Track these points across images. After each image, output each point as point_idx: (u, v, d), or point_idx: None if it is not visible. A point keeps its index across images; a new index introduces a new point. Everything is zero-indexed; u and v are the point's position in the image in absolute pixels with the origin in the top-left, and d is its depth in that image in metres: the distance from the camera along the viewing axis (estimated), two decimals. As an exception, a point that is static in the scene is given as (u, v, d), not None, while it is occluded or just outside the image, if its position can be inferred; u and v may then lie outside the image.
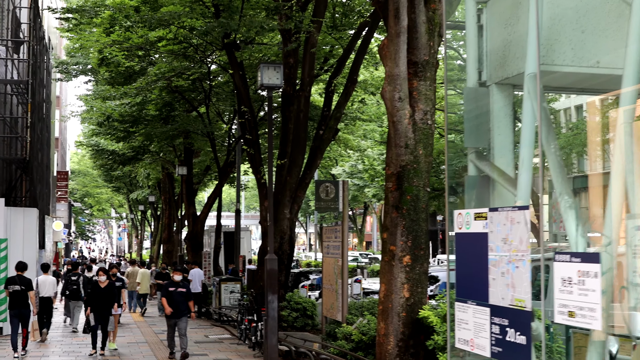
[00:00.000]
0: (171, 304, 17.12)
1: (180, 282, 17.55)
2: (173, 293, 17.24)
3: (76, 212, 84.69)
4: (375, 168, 49.81)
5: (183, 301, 17.28)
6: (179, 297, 17.24)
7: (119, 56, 24.54)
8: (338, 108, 22.97)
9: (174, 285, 17.42)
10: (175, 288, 17.32)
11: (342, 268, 15.74)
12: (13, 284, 16.85)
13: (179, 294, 17.25)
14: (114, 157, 40.86)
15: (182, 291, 17.36)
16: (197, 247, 35.36)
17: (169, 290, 17.39)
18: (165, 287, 17.74)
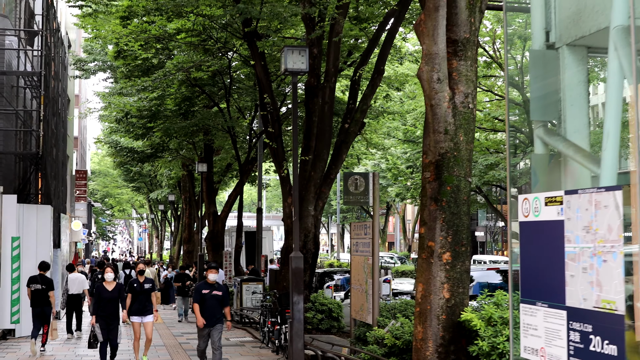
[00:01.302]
0: (205, 311, 14.31)
1: (215, 284, 14.61)
2: (207, 297, 14.37)
3: (97, 212, 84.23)
4: (398, 167, 48.88)
5: (218, 306, 14.49)
6: (214, 301, 14.43)
7: (135, 46, 23.57)
8: (364, 100, 21.88)
9: (209, 287, 14.49)
10: (209, 291, 14.43)
11: (373, 267, 14.65)
12: (35, 283, 17.39)
13: (213, 299, 14.42)
14: (133, 154, 39.99)
15: (218, 295, 14.47)
16: (217, 247, 34.40)
17: (202, 293, 14.41)
18: (198, 290, 14.62)
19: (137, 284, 15.80)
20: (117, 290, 15.29)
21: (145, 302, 15.78)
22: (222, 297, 14.55)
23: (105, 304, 15.10)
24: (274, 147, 21.72)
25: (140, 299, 15.70)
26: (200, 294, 14.45)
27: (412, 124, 43.12)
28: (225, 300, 14.68)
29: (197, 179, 44.92)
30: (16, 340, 20.11)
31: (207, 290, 14.49)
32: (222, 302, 14.57)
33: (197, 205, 43.29)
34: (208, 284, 14.54)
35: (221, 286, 14.93)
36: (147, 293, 15.86)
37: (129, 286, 15.86)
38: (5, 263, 20.27)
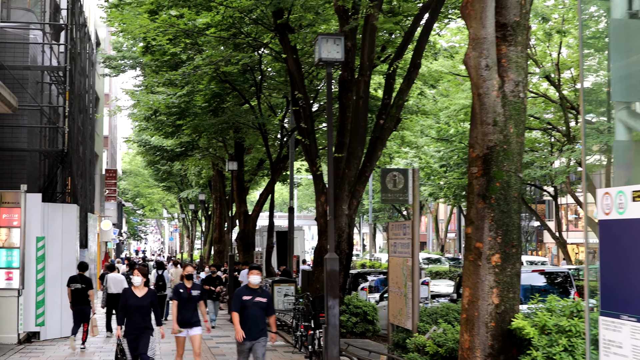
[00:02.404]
0: (246, 322, 12.13)
1: (258, 289, 12.39)
2: (248, 305, 12.17)
3: (128, 212, 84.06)
4: (431, 166, 48.14)
5: (262, 316, 12.31)
6: (257, 310, 12.22)
7: (163, 41, 22.88)
8: (400, 95, 21.06)
9: (251, 292, 12.28)
10: (251, 297, 12.20)
11: (413, 269, 13.79)
12: (75, 283, 18.28)
13: (256, 306, 12.22)
14: (162, 153, 39.41)
15: (262, 302, 12.29)
16: (248, 247, 33.72)
17: (242, 300, 12.18)
18: (238, 296, 12.35)
19: (184, 290, 13.60)
20: (148, 297, 13.11)
21: (193, 312, 13.76)
22: (266, 305, 12.37)
23: (133, 314, 12.95)
24: (306, 143, 20.95)
25: (186, 308, 13.63)
26: (240, 301, 12.25)
27: (445, 122, 42.33)
28: (271, 308, 12.54)
29: (227, 178, 44.34)
30: (40, 344, 19.47)
31: (248, 296, 12.26)
32: (267, 310, 12.41)
33: (228, 204, 42.70)
34: (250, 288, 12.35)
35: (265, 291, 12.70)
36: (194, 301, 13.78)
37: (174, 292, 13.71)
38: (29, 264, 19.64)
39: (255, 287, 12.39)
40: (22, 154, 21.84)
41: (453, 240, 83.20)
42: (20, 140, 21.88)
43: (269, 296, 12.72)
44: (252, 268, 12.56)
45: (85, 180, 27.54)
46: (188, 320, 13.68)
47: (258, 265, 13.00)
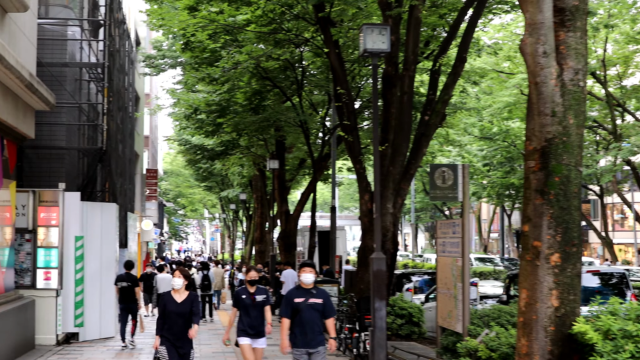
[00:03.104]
0: (299, 328, 10.67)
1: (313, 289, 10.88)
2: (301, 308, 10.67)
3: (169, 212, 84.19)
4: (474, 165, 47.55)
5: (318, 320, 10.75)
6: (312, 313, 10.68)
7: (203, 36, 22.48)
8: (446, 90, 20.44)
9: (304, 293, 10.79)
10: (304, 299, 10.69)
11: (463, 269, 13.20)
12: (122, 281, 18.91)
13: (312, 309, 10.67)
14: (203, 152, 39.08)
15: (317, 303, 10.70)
16: (289, 247, 33.24)
17: (294, 303, 10.73)
18: (289, 299, 10.88)
19: (247, 296, 12.05)
20: (189, 303, 11.58)
21: (258, 320, 12.08)
22: (323, 306, 10.73)
23: (174, 321, 11.44)
24: (349, 140, 20.40)
25: (250, 316, 11.96)
26: (291, 305, 10.73)
27: (488, 121, 41.68)
28: (328, 310, 10.84)
29: (268, 178, 44.01)
30: (79, 345, 19.15)
31: (301, 298, 10.71)
32: (325, 313, 10.79)
33: (269, 204, 42.35)
34: (302, 289, 10.83)
35: (321, 291, 11.02)
36: (259, 308, 12.09)
37: (235, 298, 12.25)
38: (68, 264, 19.32)
39: (309, 286, 10.84)
40: (61, 152, 21.55)
41: (496, 240, 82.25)
42: (59, 138, 21.59)
43: (325, 296, 10.94)
44: (305, 265, 11.02)
45: (125, 179, 27.24)
46: (253, 329, 12.00)
47: (311, 263, 11.22)
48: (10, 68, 14.42)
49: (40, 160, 21.26)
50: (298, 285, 11.06)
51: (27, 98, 16.93)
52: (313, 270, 11.05)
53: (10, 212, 17.59)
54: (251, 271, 12.60)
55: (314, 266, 11.18)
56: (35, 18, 18.49)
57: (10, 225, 17.68)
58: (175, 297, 11.62)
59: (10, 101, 15.98)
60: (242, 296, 12.11)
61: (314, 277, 10.95)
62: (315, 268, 11.12)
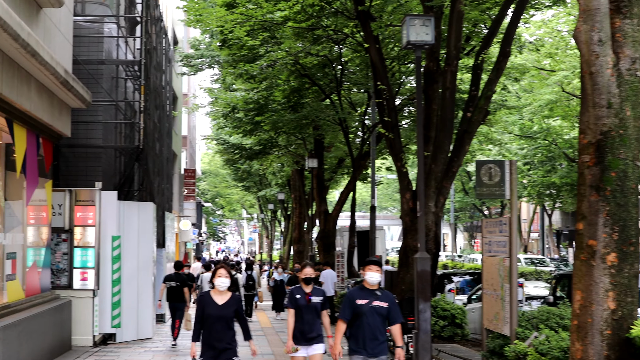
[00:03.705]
0: (360, 334, 9.56)
1: (378, 291, 9.70)
2: (364, 311, 9.54)
3: (207, 212, 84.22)
4: (515, 164, 46.55)
5: (382, 325, 9.65)
6: (376, 318, 9.58)
7: (240, 33, 22.15)
8: (489, 85, 19.90)
9: (367, 294, 9.63)
10: (367, 301, 9.55)
11: (511, 270, 12.69)
12: (170, 281, 19.39)
13: (374, 313, 9.57)
14: (241, 151, 38.82)
15: (382, 307, 9.58)
16: (328, 247, 32.89)
17: (356, 305, 9.57)
18: (350, 300, 9.68)
19: (302, 296, 10.76)
20: (232, 305, 10.08)
21: (313, 324, 10.79)
22: (388, 310, 9.60)
23: (213, 327, 9.96)
24: (390, 137, 19.93)
25: (305, 319, 10.71)
26: (352, 306, 9.58)
27: (529, 119, 41.02)
28: (395, 315, 9.71)
29: (307, 177, 43.72)
30: (116, 346, 18.88)
31: (363, 299, 9.56)
32: (390, 318, 9.66)
33: (308, 204, 42.03)
34: (365, 289, 9.66)
35: (386, 293, 9.84)
36: (315, 310, 10.79)
37: (289, 299, 10.90)
38: (105, 264, 19.07)
39: (373, 287, 9.64)
40: (97, 150, 21.33)
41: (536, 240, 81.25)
42: (96, 136, 21.37)
43: (391, 299, 9.73)
44: (370, 263, 9.77)
45: (162, 178, 26.98)
46: (306, 335, 10.73)
47: (377, 259, 9.95)
48: (45, 64, 14.16)
49: (76, 159, 21.06)
50: (361, 285, 9.77)
51: (63, 95, 16.69)
52: (380, 268, 9.75)
53: (46, 211, 17.38)
54: (306, 267, 11.09)
55: (381, 264, 9.94)
56: (71, 15, 18.26)
57: (47, 224, 17.47)
58: (215, 299, 10.04)
59: (46, 99, 15.74)
60: (296, 296, 10.82)
61: (380, 277, 9.71)
62: (382, 266, 9.80)
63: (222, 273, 10.10)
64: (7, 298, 14.46)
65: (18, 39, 12.33)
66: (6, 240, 14.52)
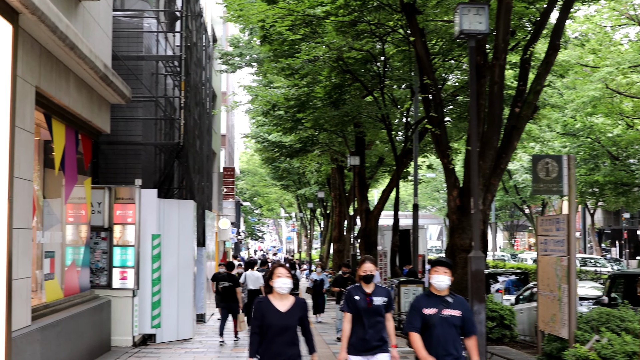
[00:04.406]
0: (427, 348, 8.10)
1: (449, 297, 8.24)
2: (433, 321, 8.09)
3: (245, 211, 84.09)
4: (556, 162, 45.74)
5: (455, 337, 8.18)
6: (448, 329, 8.12)
7: (282, 27, 21.71)
8: (538, 79, 19.26)
9: (436, 302, 8.19)
10: (437, 309, 8.12)
11: (569, 269, 12.11)
12: (222, 281, 20.02)
13: (446, 324, 8.12)
14: (281, 149, 38.43)
15: (454, 316, 8.15)
16: (370, 246, 32.34)
17: (423, 314, 8.16)
18: (417, 309, 8.24)
19: (361, 297, 9.28)
20: (296, 312, 8.38)
21: (376, 330, 9.25)
22: (462, 321, 8.20)
23: (275, 338, 8.21)
24: (437, 133, 19.36)
25: (365, 324, 9.19)
26: (419, 316, 8.17)
27: (572, 116, 40.24)
28: (470, 326, 8.30)
29: (347, 176, 43.25)
30: (156, 347, 18.50)
31: (432, 308, 8.16)
32: (464, 330, 8.27)
33: (348, 202, 41.55)
34: (433, 296, 8.27)
35: (459, 300, 8.37)
36: (378, 313, 9.30)
37: (346, 301, 9.37)
38: (144, 263, 18.69)
39: (443, 293, 8.25)
40: (137, 147, 20.99)
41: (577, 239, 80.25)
42: (135, 133, 21.03)
43: (465, 307, 8.35)
44: (437, 264, 8.34)
45: (203, 176, 26.63)
46: (368, 344, 9.21)
47: (446, 260, 8.46)
48: (84, 58, 13.79)
49: (116, 156, 20.74)
50: (428, 291, 8.39)
51: (102, 91, 16.33)
52: (449, 270, 8.29)
53: (85, 209, 17.04)
54: (366, 263, 9.51)
55: (451, 265, 8.40)
56: (110, 9, 17.91)
57: (86, 223, 17.13)
58: (276, 305, 8.32)
59: (85, 94, 15.39)
60: (354, 297, 9.30)
61: (449, 281, 8.27)
62: (452, 268, 8.43)
63: (282, 273, 8.40)
64: (45, 298, 14.12)
65: (56, 31, 11.94)
66: (45, 238, 14.20)
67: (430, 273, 8.33)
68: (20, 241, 11.14)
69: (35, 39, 11.98)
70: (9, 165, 10.42)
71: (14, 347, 10.60)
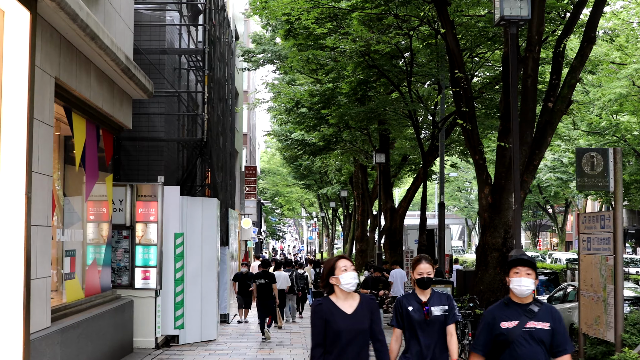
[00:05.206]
0: None
1: (533, 306, 6.43)
2: (514, 337, 6.33)
3: (266, 211, 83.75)
4: (581, 160, 44.95)
5: (544, 357, 6.35)
6: (533, 348, 6.31)
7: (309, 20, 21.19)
8: (572, 73, 18.68)
9: (516, 313, 6.45)
10: (517, 322, 6.39)
11: (615, 269, 11.48)
12: (259, 278, 20.51)
13: (532, 340, 6.32)
14: (304, 147, 37.86)
15: (541, 329, 6.33)
16: (395, 246, 31.77)
17: (499, 328, 6.45)
18: (490, 321, 6.56)
19: (415, 307, 7.34)
20: (366, 312, 6.71)
21: (437, 348, 7.26)
22: (551, 335, 6.34)
23: (346, 348, 6.55)
24: (468, 128, 18.77)
25: (420, 342, 7.23)
26: (492, 332, 6.47)
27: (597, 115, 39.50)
28: (562, 342, 6.37)
29: (370, 175, 42.70)
30: (179, 348, 17.98)
31: (512, 321, 6.40)
32: (555, 346, 6.37)
33: (371, 201, 40.97)
34: (515, 304, 6.49)
35: (547, 308, 6.50)
36: (439, 327, 7.29)
37: (395, 313, 7.42)
38: (167, 262, 18.17)
39: (525, 301, 6.49)
40: (160, 144, 20.48)
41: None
42: (157, 129, 20.53)
43: (556, 316, 6.48)
44: (518, 263, 6.55)
45: (226, 174, 26.10)
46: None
47: (529, 258, 6.68)
48: (105, 49, 13.27)
49: (138, 153, 20.25)
50: (506, 297, 6.66)
51: (124, 84, 15.81)
52: (533, 272, 6.53)
53: (106, 207, 16.53)
54: (422, 262, 7.57)
55: (535, 265, 6.60)
56: (132, 1, 17.39)
57: (107, 221, 16.60)
58: (341, 306, 6.67)
59: (106, 87, 14.89)
60: (407, 307, 7.37)
61: (534, 285, 6.52)
62: (536, 269, 6.58)
63: (347, 265, 6.71)
64: (66, 298, 13.64)
65: (76, 19, 11.41)
66: (65, 237, 13.72)
67: (508, 276, 6.59)
68: (39, 239, 10.65)
69: (54, 27, 11.47)
70: (26, 159, 9.89)
71: (32, 350, 10.10)
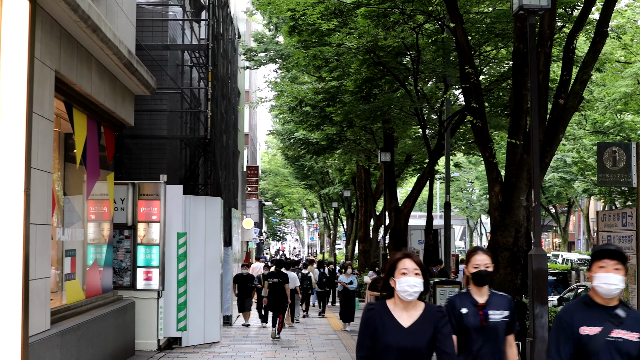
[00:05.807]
0: None
1: (619, 310, 5.25)
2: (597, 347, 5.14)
3: (267, 212, 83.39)
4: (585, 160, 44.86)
5: None
6: None
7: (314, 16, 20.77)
8: (584, 69, 18.16)
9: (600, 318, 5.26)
10: (601, 329, 5.21)
11: (638, 268, 11.06)
12: (272, 278, 21.06)
13: (615, 351, 5.15)
14: (308, 146, 37.39)
15: (629, 341, 5.15)
16: (399, 246, 31.27)
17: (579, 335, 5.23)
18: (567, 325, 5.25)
19: (470, 310, 6.39)
20: (428, 326, 5.32)
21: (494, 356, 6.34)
22: None
23: None
24: (477, 125, 18.31)
25: (478, 352, 6.32)
26: (573, 338, 5.24)
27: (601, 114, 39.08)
28: None
29: (372, 175, 42.27)
30: (182, 351, 17.57)
31: (595, 326, 5.24)
32: None
33: (374, 201, 40.53)
34: (597, 306, 5.34)
35: (635, 315, 5.31)
36: (496, 334, 6.35)
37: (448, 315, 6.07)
38: (170, 262, 17.75)
39: (611, 303, 5.33)
40: (162, 141, 20.08)
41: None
42: (160, 126, 20.11)
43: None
44: (605, 255, 5.34)
45: (229, 173, 25.69)
46: None
47: (618, 249, 5.34)
48: (107, 42, 12.85)
49: (140, 151, 19.84)
50: (586, 297, 5.45)
51: (126, 80, 15.40)
52: (622, 267, 5.30)
53: (108, 206, 16.11)
54: (477, 253, 6.62)
55: (625, 258, 5.38)
56: (134, -6, 17.00)
57: (108, 220, 16.20)
58: (397, 316, 5.39)
59: (108, 82, 14.47)
60: (460, 310, 6.38)
61: (624, 283, 5.32)
62: (626, 262, 5.38)
63: (409, 268, 5.34)
64: (66, 299, 13.23)
65: (77, 10, 11.00)
66: (65, 236, 13.32)
67: (591, 270, 5.37)
68: (38, 238, 10.23)
69: (54, 18, 11.05)
70: (25, 154, 9.47)
71: (31, 354, 9.68)
